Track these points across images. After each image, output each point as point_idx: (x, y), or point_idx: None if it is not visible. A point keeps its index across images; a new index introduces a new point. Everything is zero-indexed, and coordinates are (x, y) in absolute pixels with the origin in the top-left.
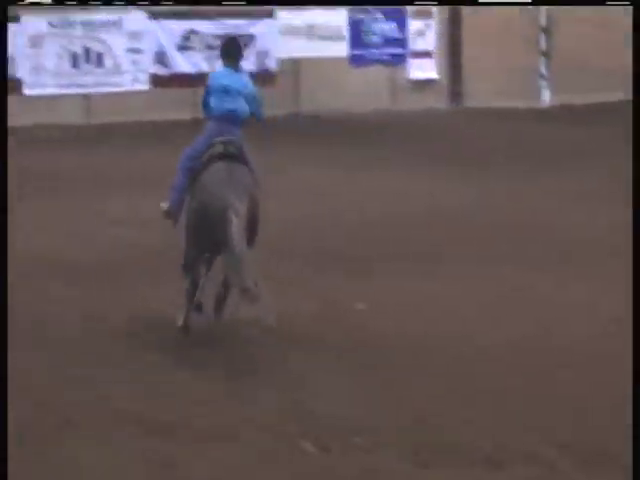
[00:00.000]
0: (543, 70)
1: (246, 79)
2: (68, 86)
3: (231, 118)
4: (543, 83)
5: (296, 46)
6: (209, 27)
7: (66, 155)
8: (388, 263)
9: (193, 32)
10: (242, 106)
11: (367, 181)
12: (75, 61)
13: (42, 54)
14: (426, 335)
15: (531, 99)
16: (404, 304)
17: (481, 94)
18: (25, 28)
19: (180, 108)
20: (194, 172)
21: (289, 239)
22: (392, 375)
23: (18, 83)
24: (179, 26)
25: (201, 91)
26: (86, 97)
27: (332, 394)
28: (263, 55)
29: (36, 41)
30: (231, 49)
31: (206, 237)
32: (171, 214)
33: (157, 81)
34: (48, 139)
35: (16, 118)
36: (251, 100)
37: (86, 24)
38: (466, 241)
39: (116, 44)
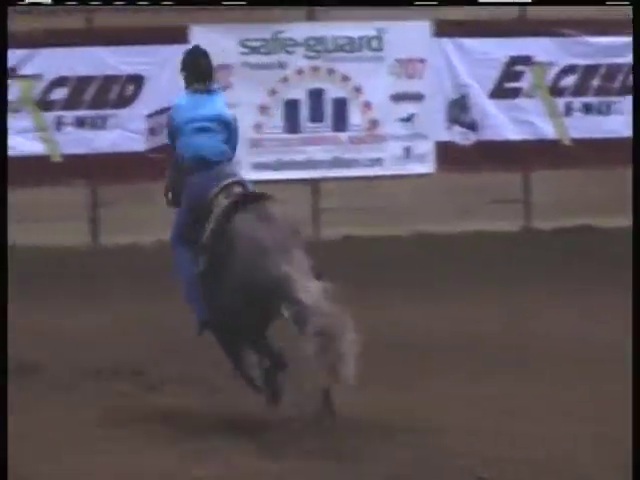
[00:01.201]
0: None
1: (221, 102)
2: (277, 165)
3: (215, 162)
4: None
5: None
6: (556, 49)
7: None
8: None
9: (524, 60)
10: (223, 141)
11: None
12: (291, 117)
13: (231, 104)
14: None
15: None
16: None
17: None
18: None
19: (497, 211)
20: (203, 249)
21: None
22: None
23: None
24: (498, 49)
25: (539, 176)
26: (314, 185)
27: None
28: None
29: (220, 79)
30: (195, 63)
31: (255, 315)
32: (208, 321)
33: (452, 157)
34: None
35: None
36: (232, 131)
37: (310, 43)
38: None
39: (372, 83)
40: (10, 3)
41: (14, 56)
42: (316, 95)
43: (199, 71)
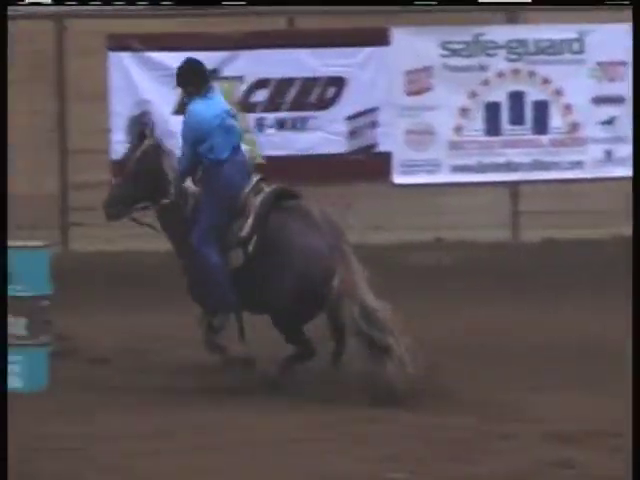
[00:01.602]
0: None
1: (221, 97)
2: (478, 168)
3: (243, 154)
4: None
5: None
6: None
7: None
8: None
9: None
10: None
11: None
12: (492, 120)
13: (431, 106)
14: None
15: None
16: None
17: None
18: (399, 56)
19: None
20: (241, 243)
21: None
22: None
23: (383, 161)
24: None
25: None
26: (513, 188)
27: None
28: None
29: (420, 82)
30: (195, 71)
31: (303, 303)
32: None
33: None
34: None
35: (384, 229)
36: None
37: (512, 45)
38: None
39: (572, 86)
40: (10, 3)
41: (216, 58)
42: (517, 98)
43: (202, 77)
